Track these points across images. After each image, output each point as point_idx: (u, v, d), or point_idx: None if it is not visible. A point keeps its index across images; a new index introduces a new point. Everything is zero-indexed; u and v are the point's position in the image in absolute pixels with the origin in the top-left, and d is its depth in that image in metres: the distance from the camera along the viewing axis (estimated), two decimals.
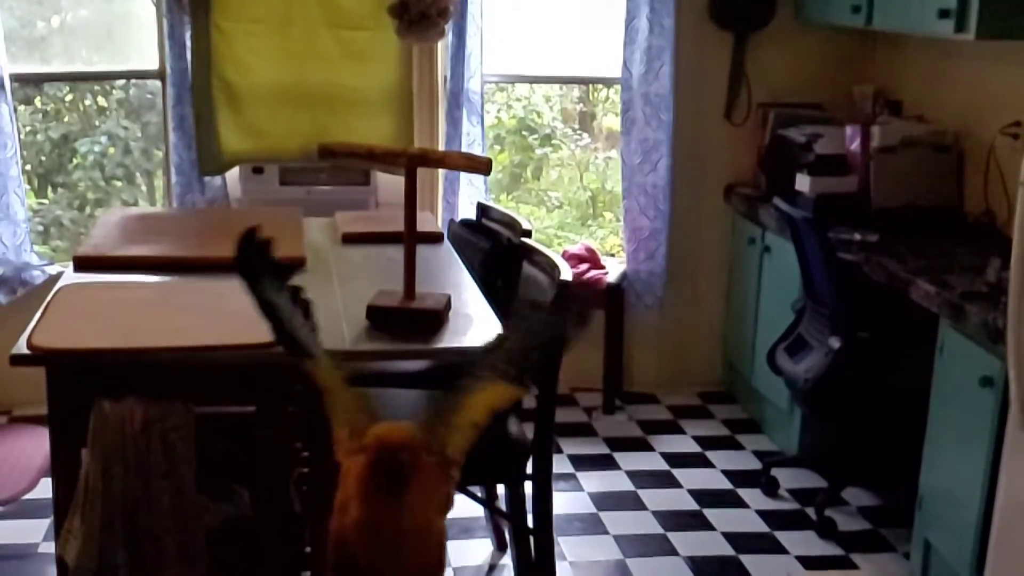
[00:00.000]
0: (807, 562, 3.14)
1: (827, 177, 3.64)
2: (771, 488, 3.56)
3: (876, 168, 3.59)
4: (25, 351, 2.07)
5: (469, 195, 4.07)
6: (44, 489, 3.34)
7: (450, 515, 3.85)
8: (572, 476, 3.65)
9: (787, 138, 3.89)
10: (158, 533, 2.10)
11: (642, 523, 3.36)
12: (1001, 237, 3.12)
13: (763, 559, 3.13)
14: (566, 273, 2.59)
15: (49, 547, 2.97)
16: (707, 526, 3.34)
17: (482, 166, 2.51)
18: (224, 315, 2.30)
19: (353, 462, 1.69)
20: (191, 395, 2.14)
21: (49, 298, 2.38)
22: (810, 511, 3.42)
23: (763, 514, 3.42)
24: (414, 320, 2.36)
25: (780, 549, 3.21)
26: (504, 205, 4.37)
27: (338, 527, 1.69)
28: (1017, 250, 2.27)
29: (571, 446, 3.85)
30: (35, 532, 3.16)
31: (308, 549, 2.35)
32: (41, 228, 4.68)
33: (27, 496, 3.35)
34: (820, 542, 3.25)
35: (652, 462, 3.79)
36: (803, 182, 3.67)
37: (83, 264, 2.65)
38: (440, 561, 1.77)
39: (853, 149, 3.68)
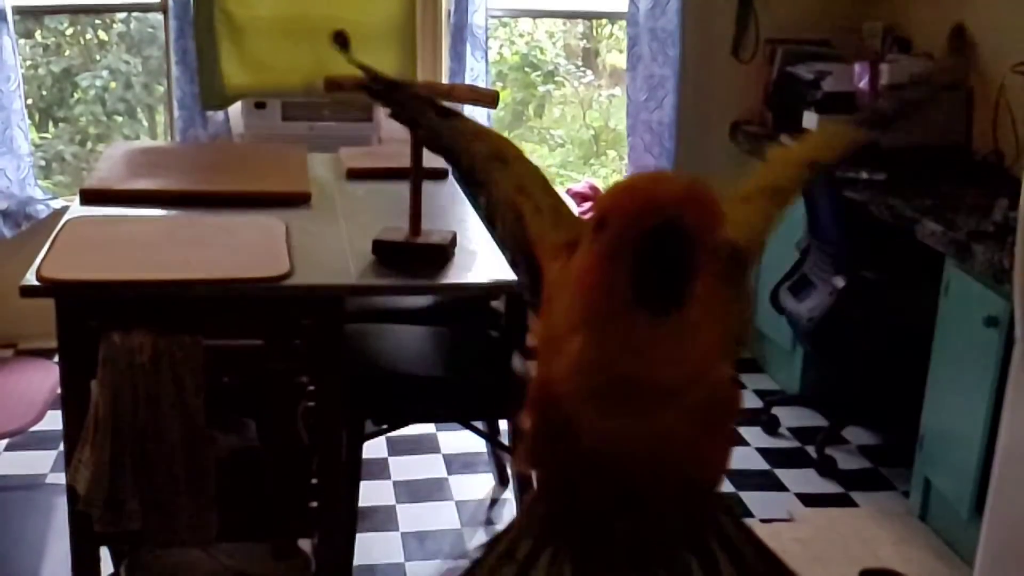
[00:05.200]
0: (807, 499, 3.17)
1: (835, 115, 3.61)
2: (772, 426, 3.59)
3: None
4: (35, 282, 2.07)
5: None
6: (50, 421, 3.38)
7: (452, 450, 3.90)
8: None
9: (795, 75, 3.86)
10: (167, 463, 2.12)
11: None
12: (1009, 177, 3.11)
13: (763, 496, 3.16)
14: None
15: (57, 477, 3.00)
16: None
17: (488, 99, 2.49)
18: (232, 249, 2.30)
19: (577, 259, 0.92)
20: (200, 328, 2.15)
21: (57, 231, 2.38)
22: (810, 449, 3.45)
23: (764, 452, 3.45)
24: (420, 255, 2.36)
25: (780, 487, 3.24)
26: None
27: (543, 378, 0.96)
28: None
29: None
30: (43, 463, 3.18)
31: (314, 480, 2.37)
32: (43, 163, 4.65)
33: (34, 428, 3.39)
34: (820, 480, 3.28)
35: None
36: (810, 120, 3.64)
37: (90, 197, 2.64)
38: (727, 445, 1.01)
39: (861, 87, 3.65)
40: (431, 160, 3.09)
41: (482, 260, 2.40)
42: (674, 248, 0.81)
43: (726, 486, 3.22)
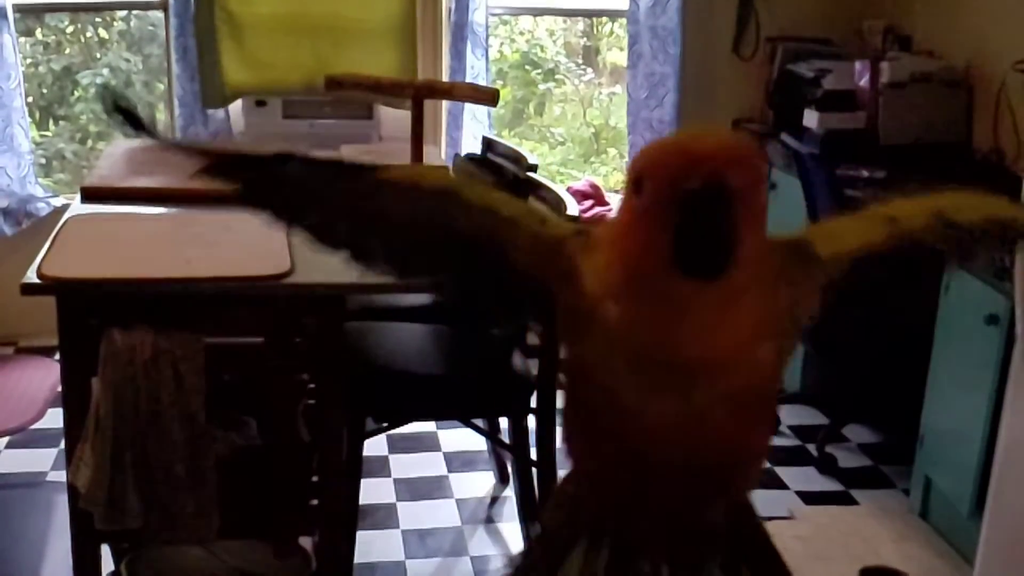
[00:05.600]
0: (807, 497, 3.17)
1: (835, 113, 3.61)
2: None
3: (885, 104, 3.56)
4: (36, 280, 2.07)
5: (473, 130, 4.05)
6: (51, 419, 3.38)
7: (452, 448, 3.90)
8: None
9: (795, 73, 3.86)
10: (168, 461, 2.12)
11: None
12: (1009, 174, 3.11)
13: (764, 494, 3.16)
14: (572, 208, 2.58)
15: (58, 475, 3.00)
16: None
17: (489, 97, 2.50)
18: (232, 247, 2.30)
19: (611, 224, 0.87)
20: (201, 326, 2.15)
21: (58, 228, 2.38)
22: (811, 447, 3.45)
23: None
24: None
25: (781, 485, 3.24)
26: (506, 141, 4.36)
27: (575, 356, 0.93)
28: None
29: None
30: (43, 461, 3.18)
31: (315, 478, 2.37)
32: (43, 161, 4.65)
33: (35, 426, 3.40)
34: (820, 478, 3.28)
35: None
36: (811, 118, 3.64)
37: (90, 195, 2.64)
38: (766, 436, 0.97)
39: (862, 85, 3.65)
40: (431, 158, 3.10)
41: None
42: (717, 208, 0.75)
43: None
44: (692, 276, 0.76)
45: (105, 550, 2.39)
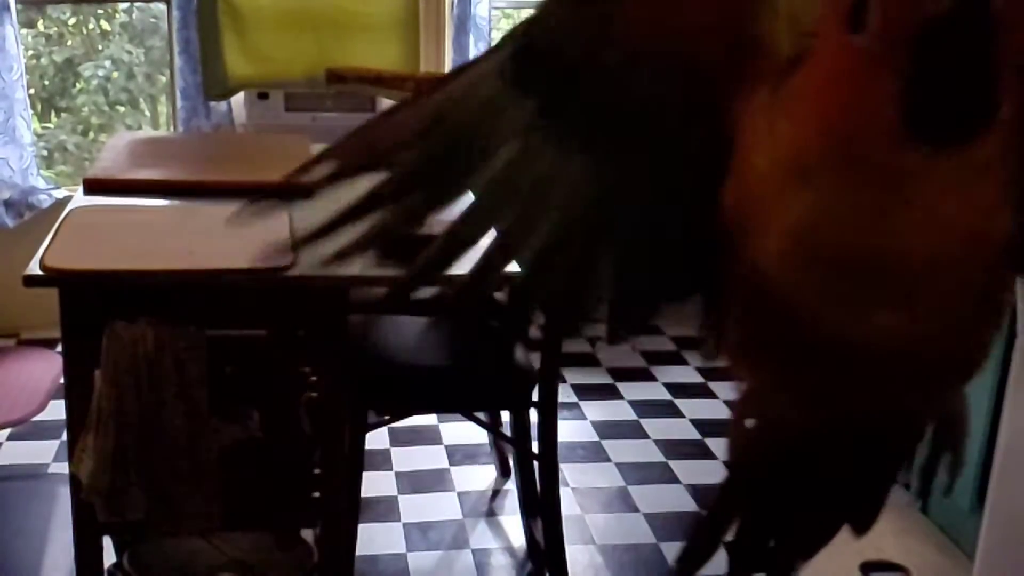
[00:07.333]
0: None
1: None
2: None
3: None
4: (38, 272, 2.07)
5: None
6: (53, 411, 3.38)
7: (453, 441, 3.90)
8: (575, 405, 3.68)
9: None
10: (170, 453, 2.13)
11: (644, 451, 3.40)
12: None
13: None
14: None
15: (59, 467, 3.01)
16: (708, 455, 3.38)
17: None
18: (235, 239, 2.29)
19: (810, 73, 0.58)
20: (203, 318, 2.15)
21: (60, 220, 2.37)
22: None
23: None
24: (423, 245, 2.36)
25: None
26: None
27: (747, 260, 0.67)
28: None
29: (575, 375, 3.88)
30: (45, 453, 3.19)
31: (317, 471, 2.38)
32: (45, 152, 4.66)
33: (37, 418, 3.40)
34: None
35: (654, 392, 3.82)
36: None
37: (93, 187, 2.64)
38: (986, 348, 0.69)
39: None
40: None
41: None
42: (975, 40, 0.51)
43: None
44: (931, 141, 0.53)
45: (107, 542, 2.39)
